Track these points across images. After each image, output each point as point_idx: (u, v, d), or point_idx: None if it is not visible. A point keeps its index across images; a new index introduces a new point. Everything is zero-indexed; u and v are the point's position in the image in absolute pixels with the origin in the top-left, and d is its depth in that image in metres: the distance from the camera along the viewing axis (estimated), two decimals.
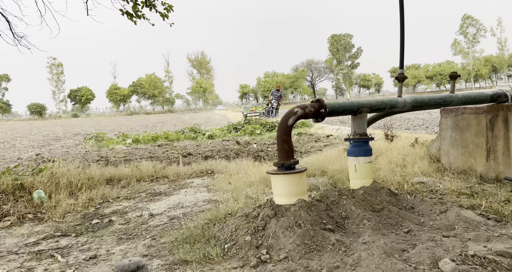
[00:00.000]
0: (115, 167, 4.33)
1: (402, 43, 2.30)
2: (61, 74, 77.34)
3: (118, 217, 2.63)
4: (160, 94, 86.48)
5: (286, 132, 2.05)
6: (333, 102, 2.23)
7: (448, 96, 2.60)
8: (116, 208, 2.88)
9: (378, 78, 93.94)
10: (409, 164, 3.21)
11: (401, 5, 2.17)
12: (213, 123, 21.11)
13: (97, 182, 3.62)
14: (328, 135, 8.26)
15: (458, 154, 3.07)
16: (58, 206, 2.88)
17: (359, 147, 2.23)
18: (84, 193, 3.22)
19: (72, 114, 76.72)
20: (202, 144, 7.38)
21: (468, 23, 74.24)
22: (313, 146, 6.65)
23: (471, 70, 75.66)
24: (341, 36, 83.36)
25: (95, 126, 23.17)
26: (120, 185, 3.67)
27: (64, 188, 3.23)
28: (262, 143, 7.28)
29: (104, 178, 3.75)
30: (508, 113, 2.67)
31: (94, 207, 2.95)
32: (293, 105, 76.86)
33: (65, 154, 6.83)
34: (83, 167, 4.17)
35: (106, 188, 3.46)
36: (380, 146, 4.22)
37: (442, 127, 3.26)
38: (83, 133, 15.14)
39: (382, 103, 2.31)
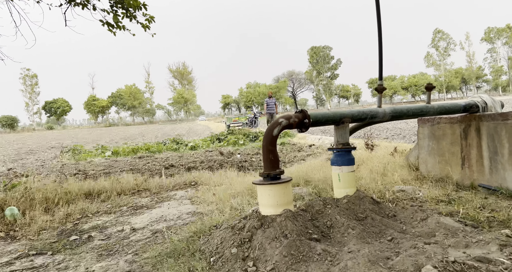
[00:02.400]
0: (94, 181, 4.19)
1: (381, 56, 2.39)
2: (35, 86, 74.78)
3: (98, 232, 2.53)
4: (141, 105, 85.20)
5: (271, 142, 2.06)
6: (316, 113, 2.27)
7: (425, 107, 2.70)
8: (95, 223, 2.77)
9: (356, 89, 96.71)
10: (390, 173, 3.30)
11: (378, 21, 2.27)
12: (195, 133, 20.93)
13: (75, 196, 3.48)
14: (311, 145, 8.36)
15: (435, 162, 3.19)
16: (33, 223, 2.74)
17: (342, 156, 2.28)
18: (61, 208, 3.08)
19: (47, 126, 73.85)
20: (184, 155, 7.29)
21: (439, 37, 79.26)
22: (296, 156, 6.71)
23: (443, 81, 79.94)
24: (320, 48, 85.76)
25: (72, 138, 22.42)
26: (100, 199, 3.55)
27: (39, 204, 3.09)
28: (246, 153, 7.27)
29: (82, 192, 3.62)
30: (480, 123, 2.80)
31: (72, 223, 2.82)
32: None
33: (40, 168, 6.55)
34: (60, 181, 4.01)
35: (85, 202, 3.33)
36: (361, 155, 4.32)
37: (420, 136, 3.38)
38: (59, 145, 14.59)
39: (363, 113, 2.37)
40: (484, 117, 2.76)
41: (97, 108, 79.20)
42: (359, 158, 4.16)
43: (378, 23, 2.32)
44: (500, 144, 2.61)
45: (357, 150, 5.02)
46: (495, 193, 2.57)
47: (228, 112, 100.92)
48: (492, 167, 2.68)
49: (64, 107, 77.04)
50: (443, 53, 78.96)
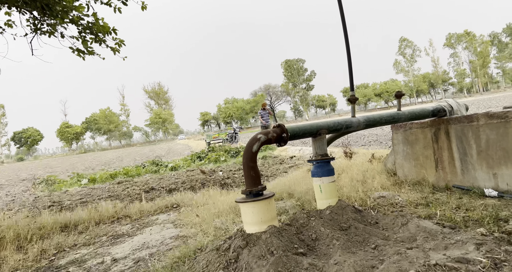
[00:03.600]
0: (71, 212, 4.00)
1: (350, 68, 2.49)
2: (2, 116, 71.63)
3: (76, 267, 2.40)
4: (117, 129, 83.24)
5: (251, 159, 2.07)
6: (293, 126, 2.31)
7: (396, 114, 2.82)
8: (73, 257, 2.63)
9: (332, 98, 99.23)
10: (369, 180, 3.37)
11: (345, 34, 2.38)
12: (175, 153, 20.59)
13: (50, 230, 3.30)
14: (292, 156, 8.43)
15: (411, 167, 3.29)
16: (4, 263, 2.56)
17: (322, 167, 2.31)
18: (35, 245, 2.91)
19: (17, 158, 70.30)
20: (165, 177, 7.14)
21: (405, 44, 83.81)
22: (278, 169, 6.74)
23: (412, 86, 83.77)
24: (293, 61, 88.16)
25: (45, 168, 21.42)
26: (77, 230, 3.39)
27: (10, 242, 2.90)
28: (228, 170, 7.22)
29: (58, 226, 3.43)
30: (449, 126, 2.93)
31: (48, 259, 2.66)
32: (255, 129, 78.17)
33: (10, 204, 6.19)
34: (33, 215, 3.81)
35: (61, 236, 3.16)
36: (341, 164, 4.40)
37: (394, 142, 3.50)
38: (31, 177, 13.87)
39: (339, 124, 2.44)
40: (451, 121, 2.90)
41: (70, 135, 76.48)
42: (339, 166, 4.23)
43: (345, 37, 2.43)
44: (468, 146, 2.74)
45: (336, 159, 5.11)
46: (468, 193, 2.67)
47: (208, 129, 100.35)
48: (463, 167, 2.80)
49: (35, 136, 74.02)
50: (410, 60, 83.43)
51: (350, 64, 2.42)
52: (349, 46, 2.36)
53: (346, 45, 2.37)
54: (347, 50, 2.38)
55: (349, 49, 2.38)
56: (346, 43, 2.37)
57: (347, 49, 2.38)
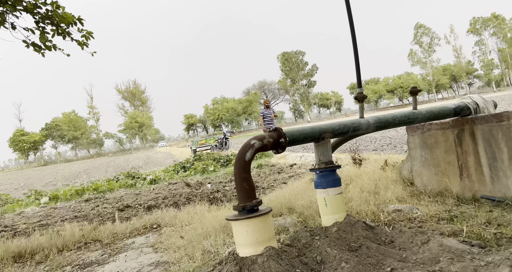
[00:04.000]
0: (27, 237, 3.93)
1: (357, 61, 2.51)
2: None
3: None
4: (84, 136, 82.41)
5: (244, 169, 2.06)
6: (292, 130, 2.31)
7: (412, 113, 2.84)
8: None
9: (337, 96, 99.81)
10: (382, 190, 3.38)
11: (350, 21, 2.40)
12: (155, 163, 20.48)
13: (0, 262, 3.23)
14: (292, 164, 8.45)
15: (431, 174, 3.30)
16: None
17: (326, 177, 2.31)
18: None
19: None
20: (143, 192, 7.08)
21: (422, 32, 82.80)
22: (276, 179, 6.74)
23: (431, 80, 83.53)
24: (292, 54, 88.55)
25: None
26: (35, 260, 3.31)
27: None
28: (218, 182, 7.20)
29: (10, 255, 3.34)
30: (474, 127, 2.91)
31: None
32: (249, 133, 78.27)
33: None
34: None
35: (14, 268, 3.09)
36: (349, 173, 4.41)
37: (411, 146, 3.52)
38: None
39: (345, 126, 2.45)
40: (477, 120, 2.89)
41: (27, 144, 74.96)
42: (347, 175, 4.24)
43: (350, 25, 2.45)
44: (498, 149, 2.72)
45: (343, 167, 5.11)
46: (500, 204, 2.65)
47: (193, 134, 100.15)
48: (493, 175, 2.79)
49: None
50: (427, 49, 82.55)
51: (356, 56, 2.44)
52: (355, 36, 2.37)
53: (352, 34, 2.38)
54: (353, 41, 2.40)
55: (355, 40, 2.40)
56: (352, 33, 2.38)
57: (353, 39, 2.40)
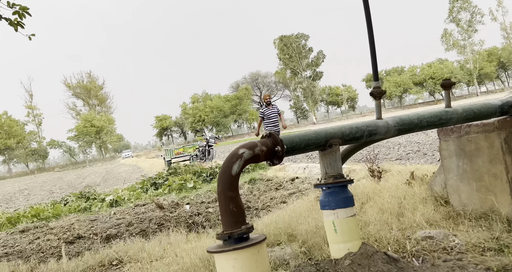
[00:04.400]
0: None
1: (373, 47, 2.53)
2: None
3: None
4: (21, 145, 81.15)
5: (230, 186, 2.06)
6: (291, 136, 2.32)
7: (444, 112, 2.86)
8: None
9: (350, 91, 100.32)
10: (408, 211, 3.39)
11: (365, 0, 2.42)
12: (117, 180, 20.41)
13: None
14: (293, 178, 8.48)
15: (471, 191, 3.31)
16: None
17: (335, 195, 2.31)
18: None
19: None
20: (100, 217, 7.02)
21: (459, 6, 79.74)
22: (273, 197, 6.76)
23: (472, 69, 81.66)
24: (292, 37, 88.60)
25: None
26: None
27: None
28: (199, 202, 7.20)
29: None
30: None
31: None
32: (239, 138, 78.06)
33: None
34: None
35: None
36: (365, 188, 4.43)
37: (444, 154, 3.54)
38: None
39: (358, 130, 2.46)
40: None
41: None
42: (362, 192, 4.26)
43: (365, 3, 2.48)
44: None
45: (358, 181, 5.13)
46: None
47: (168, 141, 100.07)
48: None
49: None
50: (467, 29, 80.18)
51: (372, 40, 2.46)
52: (370, 13, 2.40)
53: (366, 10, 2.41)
54: (366, 19, 2.42)
55: (369, 17, 2.42)
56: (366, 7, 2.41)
57: (366, 17, 2.42)
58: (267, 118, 11.53)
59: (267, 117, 11.52)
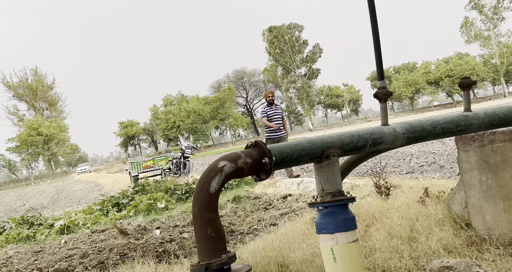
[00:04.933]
0: None
1: (377, 40, 2.55)
2: None
3: None
4: None
5: (208, 206, 2.05)
6: (281, 145, 2.32)
7: (463, 117, 2.89)
8: None
9: (352, 91, 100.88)
10: (422, 236, 3.41)
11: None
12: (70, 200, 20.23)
13: None
14: (285, 196, 8.47)
15: (498, 211, 3.31)
16: None
17: (333, 216, 2.31)
18: None
19: None
20: (47, 248, 6.90)
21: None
22: (261, 219, 6.74)
23: (497, 64, 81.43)
24: (283, 28, 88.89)
25: None
26: None
27: None
28: (172, 226, 7.14)
29: None
30: None
31: None
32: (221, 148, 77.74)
33: None
34: None
35: None
36: (370, 208, 4.45)
37: (464, 167, 3.57)
38: None
39: (360, 138, 2.47)
40: None
41: None
42: (367, 212, 4.28)
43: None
44: None
45: (362, 199, 5.16)
46: None
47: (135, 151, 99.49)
48: None
49: None
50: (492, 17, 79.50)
51: (376, 32, 2.49)
52: (374, 2, 2.43)
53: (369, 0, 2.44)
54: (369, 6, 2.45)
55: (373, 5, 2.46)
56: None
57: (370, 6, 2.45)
58: (270, 120, 11.28)
59: (270, 118, 11.27)
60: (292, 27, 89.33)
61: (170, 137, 33.08)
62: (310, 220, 4.82)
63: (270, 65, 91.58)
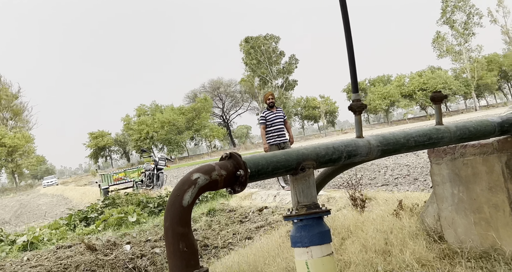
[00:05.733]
0: None
1: (351, 53, 2.59)
2: None
3: None
4: None
5: (180, 220, 2.03)
6: (257, 157, 2.32)
7: (435, 131, 2.93)
8: None
9: (329, 103, 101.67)
10: (396, 249, 3.44)
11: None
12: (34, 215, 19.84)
13: None
14: (261, 208, 8.47)
15: (469, 224, 3.36)
16: None
17: (308, 229, 2.32)
18: None
19: None
20: (8, 266, 6.69)
21: (453, 5, 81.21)
22: (236, 232, 6.72)
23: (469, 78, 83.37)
24: (260, 39, 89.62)
25: None
26: None
27: None
28: (143, 241, 7.05)
29: None
30: None
31: None
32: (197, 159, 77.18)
33: None
34: None
35: None
36: (345, 220, 4.48)
37: (436, 180, 3.62)
38: None
39: (335, 150, 2.49)
40: None
41: None
42: (343, 225, 4.31)
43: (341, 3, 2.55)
44: None
45: (338, 211, 5.20)
46: None
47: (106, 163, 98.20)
48: None
49: None
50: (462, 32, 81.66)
51: (350, 44, 2.52)
52: (348, 14, 2.46)
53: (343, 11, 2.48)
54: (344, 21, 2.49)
55: (347, 18, 2.49)
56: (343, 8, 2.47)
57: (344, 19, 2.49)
58: (270, 124, 10.42)
59: (270, 123, 10.42)
60: (269, 38, 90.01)
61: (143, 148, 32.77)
62: (285, 233, 4.83)
63: (247, 75, 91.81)
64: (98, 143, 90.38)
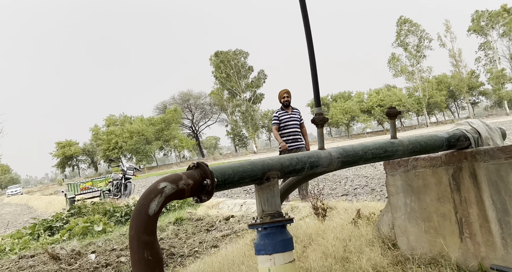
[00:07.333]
0: None
1: (314, 69, 2.64)
2: None
3: None
4: None
5: (146, 229, 2.01)
6: (224, 167, 2.32)
7: (390, 144, 3.00)
8: None
9: None
10: (354, 256, 3.48)
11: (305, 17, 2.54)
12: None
13: None
14: (228, 217, 8.42)
15: (420, 232, 3.43)
16: None
17: (272, 237, 2.33)
18: None
19: None
20: None
21: (407, 29, 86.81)
22: (203, 240, 6.66)
23: (420, 97, 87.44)
24: (229, 54, 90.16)
25: None
26: None
27: None
28: (109, 250, 6.92)
29: None
30: (475, 164, 3.05)
31: None
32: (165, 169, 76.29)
33: None
34: None
35: None
36: (308, 229, 4.51)
37: (391, 191, 3.70)
38: None
39: (299, 161, 2.52)
40: (479, 155, 3.04)
41: None
42: (305, 233, 4.33)
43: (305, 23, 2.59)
44: (509, 197, 2.82)
45: (301, 220, 5.22)
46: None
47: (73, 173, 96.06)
48: (505, 235, 2.86)
49: None
50: (415, 54, 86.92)
51: (313, 61, 2.57)
52: (311, 33, 2.51)
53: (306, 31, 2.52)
54: (307, 39, 2.53)
55: (310, 37, 2.54)
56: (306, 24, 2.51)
57: (307, 37, 2.53)
58: (284, 126, 8.70)
59: (284, 125, 8.69)
60: (238, 53, 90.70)
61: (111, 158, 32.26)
62: (250, 241, 4.83)
63: (216, 88, 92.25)
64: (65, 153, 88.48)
